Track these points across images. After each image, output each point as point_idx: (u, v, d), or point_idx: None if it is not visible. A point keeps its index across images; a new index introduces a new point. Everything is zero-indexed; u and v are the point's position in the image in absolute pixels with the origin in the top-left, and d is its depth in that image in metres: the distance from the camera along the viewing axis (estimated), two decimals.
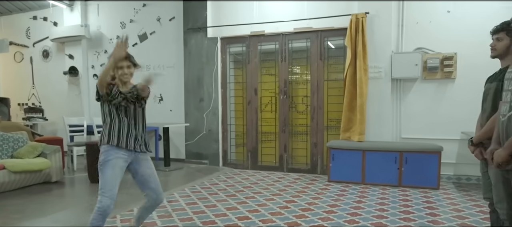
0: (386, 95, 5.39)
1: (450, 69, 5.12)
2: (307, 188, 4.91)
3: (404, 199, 4.32)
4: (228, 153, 6.44)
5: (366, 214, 3.78)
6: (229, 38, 6.32)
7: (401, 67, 5.26)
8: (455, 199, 4.33)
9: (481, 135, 2.50)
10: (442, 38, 5.19)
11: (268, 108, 6.21)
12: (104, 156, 2.62)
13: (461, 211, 3.85)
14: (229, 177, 5.58)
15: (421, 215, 3.72)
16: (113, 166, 2.60)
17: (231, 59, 6.47)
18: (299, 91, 6.01)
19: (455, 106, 5.16)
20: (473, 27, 5.03)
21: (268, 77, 6.21)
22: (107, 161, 2.61)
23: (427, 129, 5.30)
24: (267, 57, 6.21)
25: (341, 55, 5.82)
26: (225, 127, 6.41)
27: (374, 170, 5.05)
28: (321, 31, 5.77)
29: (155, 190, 2.84)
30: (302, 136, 5.98)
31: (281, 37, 6.00)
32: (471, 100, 5.02)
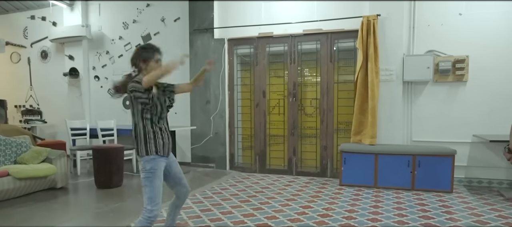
0: (398, 98, 5.35)
1: (462, 72, 5.10)
2: (320, 192, 4.85)
3: (420, 203, 4.28)
4: (235, 157, 6.34)
5: (386, 219, 3.73)
6: (237, 39, 6.22)
7: (412, 70, 5.23)
8: (471, 203, 4.31)
9: None
10: (454, 41, 5.17)
11: (277, 110, 6.13)
12: (151, 166, 2.58)
13: (481, 216, 3.81)
14: (238, 181, 5.49)
15: (441, 220, 3.68)
16: (160, 176, 2.61)
17: (238, 61, 6.38)
18: (308, 94, 5.94)
19: (467, 109, 5.14)
20: (484, 29, 5.04)
21: (276, 79, 6.13)
22: (155, 171, 2.58)
23: (438, 132, 5.28)
24: (276, 59, 6.13)
25: (351, 57, 5.77)
26: (232, 130, 6.31)
27: (386, 173, 5.00)
28: (331, 33, 5.71)
29: (186, 185, 2.93)
30: (311, 139, 5.91)
31: (290, 39, 5.93)
32: (482, 103, 5.09)
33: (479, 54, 5.04)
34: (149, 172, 2.57)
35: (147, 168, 2.58)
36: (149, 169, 2.57)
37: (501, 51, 4.97)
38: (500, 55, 4.98)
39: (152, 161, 2.58)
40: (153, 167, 2.57)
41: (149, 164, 2.58)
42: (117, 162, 4.92)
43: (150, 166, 2.57)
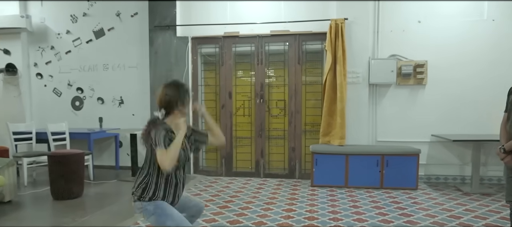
0: (364, 100, 5.54)
1: (422, 76, 5.42)
2: (295, 194, 4.82)
3: (394, 201, 4.45)
4: (200, 160, 6.09)
5: (370, 218, 3.80)
6: (201, 38, 5.98)
7: (378, 73, 5.44)
8: (437, 198, 4.58)
9: None
10: (414, 46, 5.48)
11: (243, 112, 6.00)
12: (155, 205, 2.27)
13: (451, 211, 4.05)
14: (207, 186, 5.27)
15: (419, 217, 3.84)
16: (169, 207, 2.29)
17: (202, 61, 6.13)
18: (276, 95, 5.91)
19: (425, 110, 5.48)
20: (441, 37, 5.40)
21: (243, 80, 6.00)
22: (161, 206, 2.27)
23: (401, 132, 5.56)
24: (242, 60, 6.00)
25: (318, 59, 5.85)
26: None
27: (357, 173, 5.14)
28: (299, 35, 5.73)
29: (197, 203, 2.63)
30: (279, 141, 5.88)
31: (257, 39, 5.84)
32: (440, 105, 5.44)
33: (437, 59, 5.40)
34: (156, 211, 2.25)
35: (150, 209, 2.25)
36: (154, 209, 2.26)
37: (456, 57, 5.37)
38: (455, 61, 5.38)
39: (152, 203, 2.27)
40: (157, 205, 2.26)
41: (150, 205, 2.26)
42: (78, 170, 4.43)
43: (153, 206, 2.26)
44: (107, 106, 6.43)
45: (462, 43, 5.37)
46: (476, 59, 5.32)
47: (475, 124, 5.35)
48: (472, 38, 5.35)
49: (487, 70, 5.31)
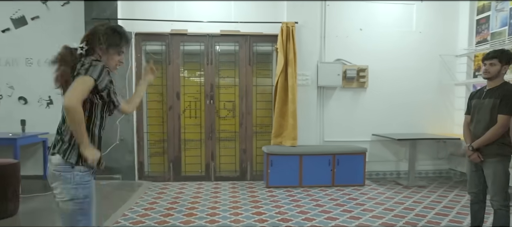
0: (313, 102, 5.74)
1: (364, 79, 5.84)
2: (255, 197, 4.78)
3: (352, 198, 4.70)
4: (145, 165, 5.65)
5: (340, 216, 3.95)
6: (146, 34, 5.55)
7: (325, 76, 5.70)
8: (385, 193, 4.97)
9: (484, 142, 2.97)
10: (357, 52, 5.86)
11: (192, 113, 5.74)
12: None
13: (403, 203, 4.43)
14: (159, 193, 4.92)
15: (380, 211, 4.12)
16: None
17: (147, 59, 5.70)
18: (226, 96, 5.78)
19: (367, 112, 5.90)
20: (380, 44, 5.88)
21: (192, 80, 5.74)
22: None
23: (345, 132, 5.89)
24: (191, 59, 5.74)
25: (269, 61, 5.90)
26: (140, 135, 5.60)
27: (310, 173, 5.31)
28: (250, 36, 5.70)
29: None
30: (230, 143, 5.77)
31: (207, 39, 5.64)
32: (379, 107, 5.91)
33: (376, 65, 5.86)
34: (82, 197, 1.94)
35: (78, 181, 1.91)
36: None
37: (392, 63, 5.89)
38: (391, 67, 5.90)
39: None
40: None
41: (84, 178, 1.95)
42: (13, 183, 3.74)
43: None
44: (31, 107, 5.57)
45: (396, 51, 5.92)
46: (408, 66, 5.92)
47: (408, 124, 5.95)
48: (404, 47, 5.93)
49: (417, 76, 5.94)
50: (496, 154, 2.96)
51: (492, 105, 2.98)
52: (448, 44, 5.99)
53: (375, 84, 5.88)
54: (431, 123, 5.98)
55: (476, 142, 3.03)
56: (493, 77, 3.03)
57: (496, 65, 3.01)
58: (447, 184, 5.46)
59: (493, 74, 3.02)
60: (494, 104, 2.97)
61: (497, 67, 3.00)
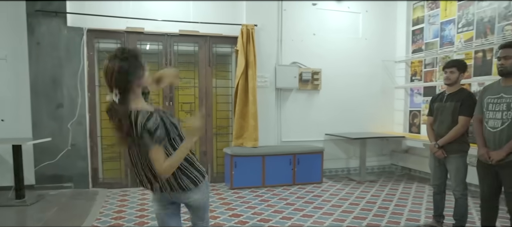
0: (271, 103, 5.90)
1: (318, 82, 6.16)
2: (224, 199, 4.77)
3: (317, 195, 4.94)
4: (100, 171, 5.27)
5: (313, 213, 4.16)
6: (99, 31, 5.18)
7: (283, 78, 5.90)
8: (344, 189, 5.31)
9: (447, 140, 3.38)
10: (311, 55, 6.15)
11: None
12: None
13: (363, 198, 4.80)
14: (122, 200, 4.65)
15: (349, 206, 4.43)
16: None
17: (101, 57, 5.32)
18: (186, 98, 5.66)
19: (320, 113, 6.24)
20: (331, 49, 6.25)
21: None
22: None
23: (300, 132, 6.15)
24: (149, 59, 5.48)
25: (228, 63, 5.90)
26: (94, 140, 5.21)
27: (272, 173, 5.45)
28: (210, 37, 5.65)
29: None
30: None
31: (165, 38, 5.46)
32: (331, 108, 6.29)
33: (328, 68, 6.22)
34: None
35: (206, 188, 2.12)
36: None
37: (341, 67, 6.30)
38: (341, 70, 6.31)
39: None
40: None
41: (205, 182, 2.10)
42: None
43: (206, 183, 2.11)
44: None
45: (345, 56, 6.34)
46: (355, 69, 6.38)
47: (355, 124, 6.42)
48: (352, 52, 6.38)
49: (363, 79, 6.43)
50: (457, 151, 3.40)
51: (453, 108, 3.40)
52: (389, 51, 6.60)
53: (327, 86, 6.23)
54: (375, 123, 6.54)
55: (441, 141, 3.44)
56: (453, 83, 3.46)
57: (455, 72, 3.44)
58: (393, 178, 6.03)
59: (453, 81, 3.46)
60: (455, 107, 3.40)
61: (455, 75, 3.45)
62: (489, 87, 3.15)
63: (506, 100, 2.89)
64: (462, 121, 3.35)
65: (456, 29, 5.57)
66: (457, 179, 3.40)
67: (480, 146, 3.06)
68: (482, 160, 3.03)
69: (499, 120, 2.92)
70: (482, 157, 3.01)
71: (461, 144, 3.41)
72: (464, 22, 5.44)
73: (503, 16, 4.90)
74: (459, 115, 3.37)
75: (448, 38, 5.72)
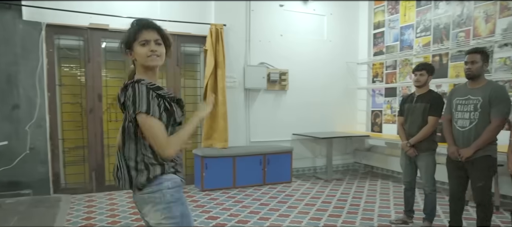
0: (240, 104, 5.89)
1: (285, 82, 6.24)
2: (197, 202, 4.69)
3: (289, 194, 5.00)
4: (62, 176, 4.95)
5: (290, 213, 4.21)
6: (59, 26, 4.86)
7: (251, 79, 5.91)
8: (313, 187, 5.43)
9: (418, 139, 3.57)
10: (279, 56, 6.22)
11: (118, 116, 5.27)
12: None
13: (333, 196, 4.95)
14: (88, 207, 4.40)
15: (321, 204, 4.53)
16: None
17: (61, 55, 5.00)
18: None
19: (287, 113, 6.32)
20: (298, 50, 6.36)
21: (116, 81, 5.26)
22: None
23: (268, 132, 6.19)
24: (114, 57, 5.25)
25: (197, 62, 5.80)
26: (55, 143, 4.87)
27: (243, 173, 5.44)
28: (178, 36, 5.51)
29: None
30: None
31: None
32: (298, 108, 6.41)
33: (295, 69, 6.32)
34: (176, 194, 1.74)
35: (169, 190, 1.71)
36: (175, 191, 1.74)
37: (307, 68, 6.44)
38: (307, 71, 6.44)
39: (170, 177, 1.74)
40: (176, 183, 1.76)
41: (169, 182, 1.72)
42: None
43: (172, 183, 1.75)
44: None
45: (311, 57, 6.48)
46: (321, 71, 6.54)
47: (321, 123, 6.58)
48: (318, 53, 6.54)
49: (328, 80, 6.61)
50: (427, 149, 3.61)
51: (423, 108, 3.61)
52: (352, 53, 6.85)
53: (294, 87, 6.33)
54: (339, 122, 6.76)
55: (412, 139, 3.63)
56: (422, 85, 3.67)
57: (424, 75, 3.65)
58: (357, 176, 6.26)
59: (423, 83, 3.66)
60: (425, 108, 3.60)
61: (425, 77, 3.66)
62: (457, 89, 3.38)
63: (473, 102, 3.11)
64: (432, 121, 3.56)
65: (415, 34, 5.90)
66: (427, 175, 3.61)
67: (450, 144, 3.27)
68: (452, 157, 3.25)
69: (467, 120, 3.13)
70: (452, 155, 3.22)
71: (430, 142, 3.62)
72: (422, 27, 5.79)
73: (457, 23, 5.28)
74: (428, 115, 3.58)
75: (407, 42, 6.05)
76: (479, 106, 3.07)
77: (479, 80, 3.14)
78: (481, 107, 3.06)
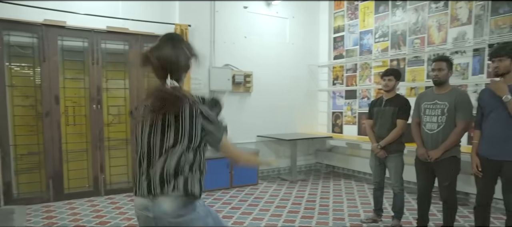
0: None
1: (249, 84, 6.24)
2: None
3: (258, 197, 5.01)
4: (14, 186, 4.53)
5: (263, 216, 4.22)
6: (10, 22, 4.45)
7: (217, 80, 5.84)
8: (279, 189, 5.49)
9: (388, 141, 3.75)
10: (243, 58, 6.20)
11: (76, 120, 4.94)
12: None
13: (301, 197, 5.04)
14: (48, 218, 4.08)
15: (293, 206, 4.60)
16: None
17: (12, 53, 4.57)
18: (115, 100, 5.20)
19: (252, 115, 6.32)
20: (262, 52, 6.39)
21: (75, 82, 4.93)
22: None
23: (233, 134, 6.09)
24: (73, 57, 4.92)
25: None
26: (5, 149, 4.45)
27: (210, 177, 5.31)
28: (141, 36, 5.30)
29: None
30: (121, 152, 5.22)
31: (91, 34, 4.95)
32: (262, 110, 6.44)
33: (259, 71, 6.34)
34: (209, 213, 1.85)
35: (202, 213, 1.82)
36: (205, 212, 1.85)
37: (271, 70, 6.49)
38: (271, 73, 6.49)
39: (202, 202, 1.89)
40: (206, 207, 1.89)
41: (202, 207, 1.86)
42: None
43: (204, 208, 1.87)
44: None
45: (275, 59, 6.55)
46: (284, 73, 6.63)
47: (284, 125, 6.67)
48: (281, 56, 6.62)
49: (291, 82, 6.72)
50: (396, 150, 3.80)
51: (392, 112, 3.79)
52: (313, 56, 7.02)
53: (258, 89, 6.35)
54: (301, 124, 6.89)
55: (383, 142, 3.79)
56: (390, 89, 3.86)
57: (392, 80, 3.84)
58: (320, 176, 6.42)
59: (391, 87, 3.85)
60: (393, 111, 3.79)
61: (393, 82, 3.84)
62: (424, 94, 3.58)
63: (441, 106, 3.33)
64: (401, 124, 3.75)
65: (374, 39, 6.19)
66: (396, 176, 3.80)
67: (419, 146, 3.47)
68: (421, 159, 3.45)
69: (435, 124, 3.35)
70: (422, 156, 3.41)
71: (399, 144, 3.81)
72: (381, 33, 6.08)
73: (412, 30, 5.61)
74: (397, 118, 3.76)
75: (366, 47, 6.32)
76: (446, 111, 3.29)
77: (445, 86, 3.37)
78: (447, 111, 3.28)
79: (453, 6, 5.10)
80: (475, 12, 4.88)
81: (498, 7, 4.65)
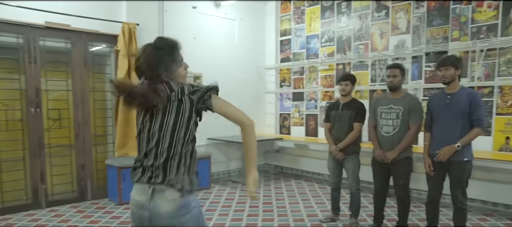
0: None
1: None
2: (119, 218, 4.27)
3: (215, 201, 4.94)
4: None
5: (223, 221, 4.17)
6: None
7: None
8: (233, 192, 5.47)
9: (346, 143, 3.93)
10: (193, 60, 5.95)
11: (9, 125, 4.41)
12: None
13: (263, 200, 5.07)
14: None
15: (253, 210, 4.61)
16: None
17: None
18: (56, 103, 4.75)
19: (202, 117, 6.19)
20: (211, 54, 6.31)
21: (7, 82, 4.40)
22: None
23: None
24: (6, 54, 4.39)
25: (107, 63, 5.24)
26: None
27: None
28: (85, 33, 4.92)
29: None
30: (63, 159, 4.78)
31: (28, 30, 4.47)
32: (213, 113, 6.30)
33: (209, 73, 6.23)
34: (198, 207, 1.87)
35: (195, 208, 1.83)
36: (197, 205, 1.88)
37: (222, 72, 6.40)
38: (222, 76, 6.37)
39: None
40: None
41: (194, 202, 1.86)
42: None
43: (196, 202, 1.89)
44: None
45: (224, 61, 6.50)
46: (233, 74, 6.59)
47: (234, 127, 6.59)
48: (230, 57, 6.59)
49: (240, 84, 6.69)
50: (353, 152, 4.00)
51: (349, 115, 3.99)
52: (261, 58, 7.10)
53: None
54: None
55: (341, 144, 3.97)
56: (347, 94, 4.06)
57: (349, 85, 4.05)
58: (271, 177, 6.51)
59: (347, 92, 4.05)
60: (351, 115, 3.99)
61: (349, 87, 4.05)
62: (380, 99, 3.82)
63: (396, 110, 3.59)
64: (357, 127, 3.96)
65: (320, 43, 6.45)
66: (353, 176, 4.00)
67: (376, 148, 3.70)
68: (378, 159, 3.68)
69: (391, 126, 3.60)
70: (379, 157, 3.64)
71: (356, 146, 4.02)
72: (327, 38, 6.35)
73: (357, 36, 5.96)
74: (354, 122, 3.97)
75: (313, 50, 6.56)
76: (400, 115, 3.55)
77: (399, 91, 3.64)
78: (402, 115, 3.55)
79: (394, 15, 5.51)
80: (413, 22, 5.33)
81: (432, 19, 5.13)
